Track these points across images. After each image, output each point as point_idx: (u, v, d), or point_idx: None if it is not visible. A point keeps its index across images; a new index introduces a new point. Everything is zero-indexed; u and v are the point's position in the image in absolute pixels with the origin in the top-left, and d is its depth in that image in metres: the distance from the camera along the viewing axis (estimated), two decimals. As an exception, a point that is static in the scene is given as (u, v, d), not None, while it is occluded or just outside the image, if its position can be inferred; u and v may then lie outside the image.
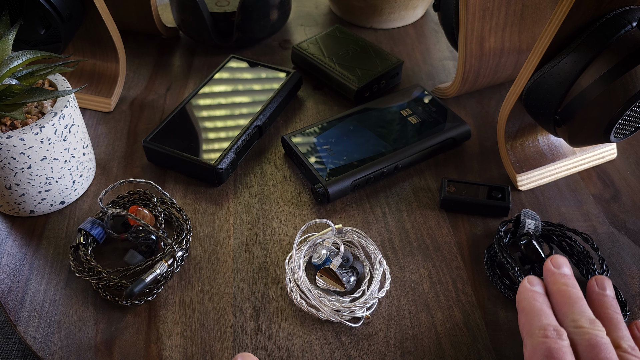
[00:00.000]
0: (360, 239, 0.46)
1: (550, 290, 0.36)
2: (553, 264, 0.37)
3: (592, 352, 0.31)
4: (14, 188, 0.45)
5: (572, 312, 0.34)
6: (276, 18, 0.66)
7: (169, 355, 0.39)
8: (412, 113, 0.55)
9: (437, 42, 0.70)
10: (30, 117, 0.44)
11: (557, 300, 0.35)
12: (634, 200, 0.50)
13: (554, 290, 0.36)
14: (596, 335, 0.32)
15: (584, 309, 0.34)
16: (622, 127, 0.42)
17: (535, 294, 0.35)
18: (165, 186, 0.51)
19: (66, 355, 0.39)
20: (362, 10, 0.70)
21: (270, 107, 0.55)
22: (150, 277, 0.42)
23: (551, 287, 0.36)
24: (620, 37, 0.41)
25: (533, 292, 0.36)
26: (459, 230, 0.48)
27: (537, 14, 0.54)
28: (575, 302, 0.34)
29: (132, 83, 0.63)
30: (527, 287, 0.36)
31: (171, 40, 0.70)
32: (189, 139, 0.52)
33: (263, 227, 0.48)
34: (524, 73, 0.45)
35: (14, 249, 0.46)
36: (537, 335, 0.32)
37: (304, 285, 0.42)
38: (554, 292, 0.36)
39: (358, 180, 0.49)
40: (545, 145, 0.52)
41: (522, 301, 0.35)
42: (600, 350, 0.31)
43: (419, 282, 0.44)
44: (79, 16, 0.54)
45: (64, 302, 0.42)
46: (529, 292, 0.36)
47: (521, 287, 0.36)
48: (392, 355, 0.39)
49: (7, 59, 0.42)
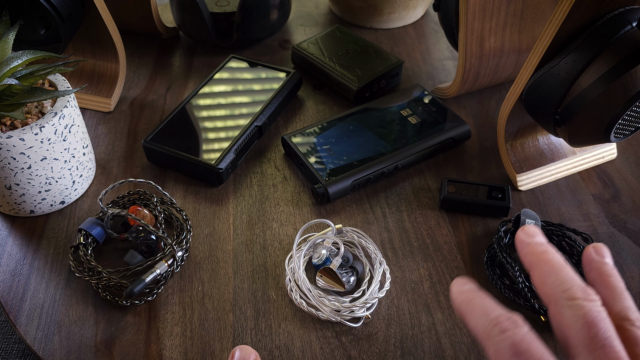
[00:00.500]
0: (360, 239, 0.46)
1: (529, 261, 0.32)
2: (526, 232, 0.33)
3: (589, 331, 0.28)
4: (14, 188, 0.45)
5: (562, 281, 0.30)
6: (276, 18, 0.66)
7: (169, 355, 0.39)
8: (412, 113, 0.55)
9: (437, 42, 0.70)
10: (30, 117, 0.44)
11: (540, 271, 0.31)
12: (634, 200, 0.50)
13: (533, 260, 0.31)
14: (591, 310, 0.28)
15: (573, 276, 0.30)
16: (622, 127, 0.42)
17: (468, 293, 0.31)
18: (165, 186, 0.51)
19: (66, 355, 0.39)
20: (362, 10, 0.70)
21: (270, 107, 0.55)
22: (150, 277, 0.42)
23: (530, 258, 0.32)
24: (620, 37, 0.41)
25: (465, 292, 0.31)
26: (459, 230, 0.48)
27: (537, 14, 0.54)
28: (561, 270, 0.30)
29: (132, 83, 0.63)
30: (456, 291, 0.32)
31: (171, 40, 0.70)
32: (189, 139, 0.52)
33: (263, 227, 0.48)
34: (524, 73, 0.45)
35: (14, 249, 0.46)
36: (493, 334, 0.28)
37: (304, 285, 0.42)
38: (534, 262, 0.31)
39: (358, 180, 0.49)
40: (545, 145, 0.52)
41: (460, 306, 0.31)
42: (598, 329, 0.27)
43: (419, 282, 0.44)
44: (79, 16, 0.54)
45: (64, 302, 0.42)
46: (461, 295, 0.31)
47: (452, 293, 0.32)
48: (392, 355, 0.39)
49: (7, 59, 0.43)
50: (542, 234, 0.33)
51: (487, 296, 0.31)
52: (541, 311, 0.41)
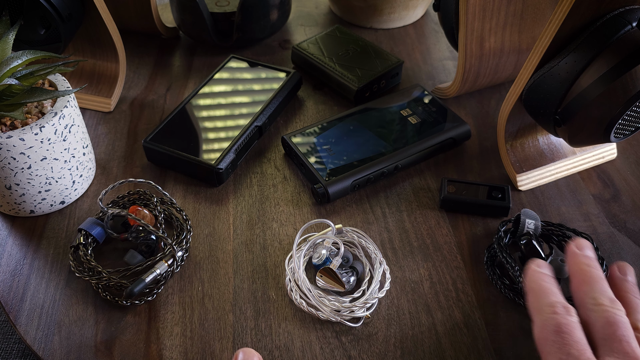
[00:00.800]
0: (360, 239, 0.46)
1: (571, 270, 0.36)
2: (577, 245, 0.37)
3: (609, 328, 0.31)
4: (14, 188, 0.45)
5: (593, 291, 0.33)
6: (276, 18, 0.66)
7: (169, 355, 0.39)
8: (412, 113, 0.55)
9: (437, 42, 0.70)
10: (30, 117, 0.44)
11: (578, 279, 0.35)
12: (634, 200, 0.50)
13: (576, 270, 0.35)
14: (615, 314, 0.32)
15: (605, 289, 0.34)
16: (622, 127, 0.42)
17: (543, 275, 0.35)
18: (165, 186, 0.51)
19: (66, 355, 0.39)
20: (362, 10, 0.70)
21: (270, 107, 0.55)
22: (150, 277, 0.42)
23: (573, 267, 0.36)
24: (620, 37, 0.41)
25: (540, 273, 0.36)
26: (459, 230, 0.48)
27: (537, 14, 0.54)
28: (596, 282, 0.34)
29: (132, 83, 0.63)
30: (534, 269, 0.36)
31: (171, 40, 0.70)
32: (189, 139, 0.52)
33: (263, 227, 0.48)
34: (524, 73, 0.45)
35: (14, 249, 0.46)
36: (545, 312, 0.33)
37: (304, 285, 0.42)
38: (575, 271, 0.35)
39: (358, 180, 0.49)
40: (545, 145, 0.52)
41: (530, 282, 0.35)
42: (617, 327, 0.31)
43: (419, 282, 0.44)
44: (79, 16, 0.54)
45: (64, 302, 0.42)
46: (537, 274, 0.36)
47: (529, 270, 0.36)
48: (392, 355, 0.39)
49: (7, 59, 0.43)
50: (591, 249, 0.37)
51: (556, 284, 0.35)
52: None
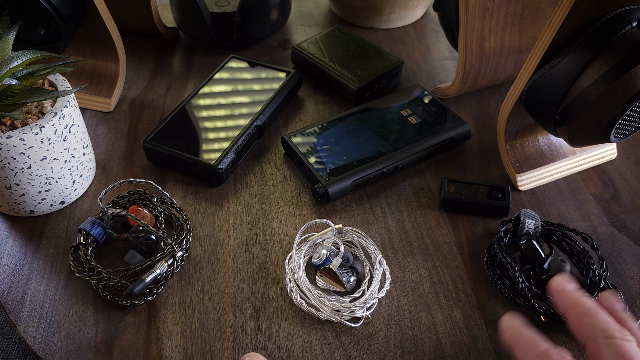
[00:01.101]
0: (360, 239, 0.46)
1: (564, 306, 0.35)
2: (556, 284, 0.36)
3: None
4: (14, 188, 0.45)
5: (599, 322, 0.33)
6: (276, 18, 0.66)
7: (169, 355, 0.39)
8: (412, 113, 0.55)
9: (437, 42, 0.70)
10: (30, 117, 0.44)
11: (576, 312, 0.34)
12: (634, 200, 0.50)
13: (569, 304, 0.35)
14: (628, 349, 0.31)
15: (608, 318, 0.33)
16: (622, 127, 0.42)
17: (521, 327, 0.35)
18: (165, 186, 0.51)
19: (66, 355, 0.39)
20: (362, 10, 0.70)
21: (270, 107, 0.55)
22: (150, 277, 0.42)
23: (564, 303, 0.35)
24: (620, 37, 0.41)
25: (517, 327, 0.35)
26: (459, 230, 0.48)
27: (537, 14, 0.54)
28: (596, 312, 0.33)
29: (132, 83, 0.63)
30: (510, 324, 0.35)
31: (171, 40, 0.70)
32: (189, 139, 0.52)
33: (263, 227, 0.48)
34: (524, 73, 0.45)
35: (14, 249, 0.46)
36: None
37: (304, 285, 0.42)
38: (570, 306, 0.35)
39: (358, 180, 0.49)
40: (545, 145, 0.52)
41: (511, 337, 0.34)
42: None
43: (419, 282, 0.44)
44: (79, 16, 0.54)
45: (64, 302, 0.42)
46: (513, 328, 0.35)
47: (503, 327, 0.35)
48: (392, 355, 0.39)
49: (7, 59, 0.43)
50: (572, 282, 0.36)
51: (536, 331, 0.34)
52: (541, 311, 0.41)
